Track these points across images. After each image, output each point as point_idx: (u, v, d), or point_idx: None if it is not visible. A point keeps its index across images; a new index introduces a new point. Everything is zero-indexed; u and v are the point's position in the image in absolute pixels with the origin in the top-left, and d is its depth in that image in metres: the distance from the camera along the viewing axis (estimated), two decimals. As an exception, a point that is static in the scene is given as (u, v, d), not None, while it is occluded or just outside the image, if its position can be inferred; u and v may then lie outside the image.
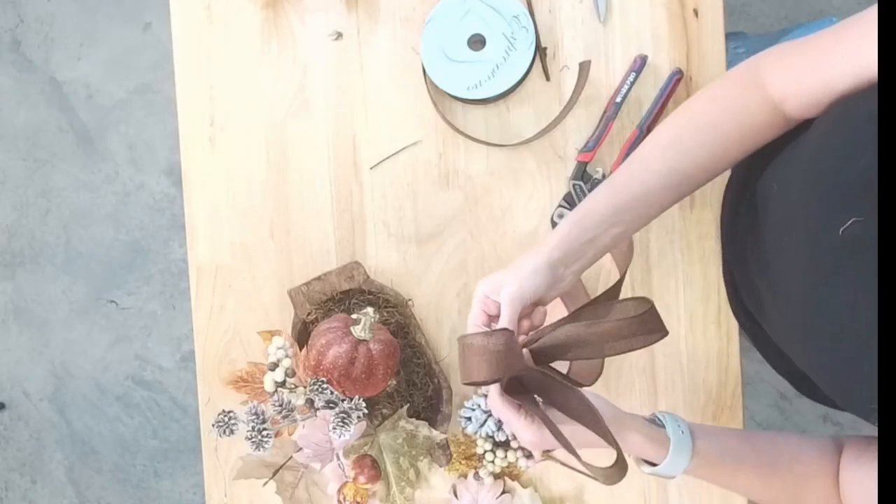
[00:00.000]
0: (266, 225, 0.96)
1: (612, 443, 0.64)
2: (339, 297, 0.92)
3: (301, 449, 0.85)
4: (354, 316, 0.82)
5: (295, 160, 0.95)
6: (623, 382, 0.91)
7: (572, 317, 0.73)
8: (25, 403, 1.99)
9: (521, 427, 0.67)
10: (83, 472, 1.97)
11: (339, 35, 0.95)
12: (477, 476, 0.91)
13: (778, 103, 0.65)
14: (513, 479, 0.92)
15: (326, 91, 0.95)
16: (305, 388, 0.81)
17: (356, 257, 0.94)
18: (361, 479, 0.85)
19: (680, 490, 0.91)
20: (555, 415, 0.67)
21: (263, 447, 0.76)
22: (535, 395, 0.68)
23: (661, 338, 0.67)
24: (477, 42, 0.89)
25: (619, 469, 0.65)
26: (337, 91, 0.95)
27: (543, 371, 0.67)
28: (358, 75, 0.94)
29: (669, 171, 0.68)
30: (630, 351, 0.66)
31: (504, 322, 0.66)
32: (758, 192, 0.72)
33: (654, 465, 0.69)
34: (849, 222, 0.53)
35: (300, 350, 0.88)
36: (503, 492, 0.91)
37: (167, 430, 1.94)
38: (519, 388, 0.67)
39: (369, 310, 0.81)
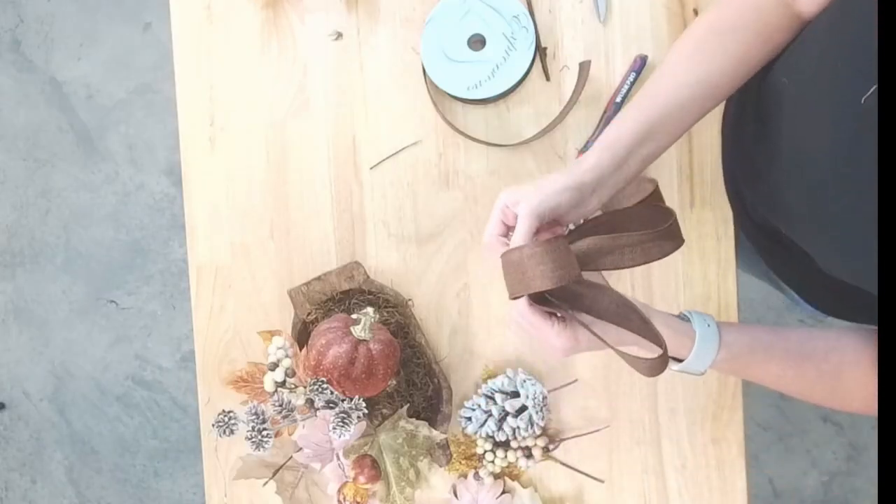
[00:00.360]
0: (266, 225, 0.96)
1: (655, 334, 0.63)
2: (339, 297, 0.92)
3: (301, 449, 0.85)
4: (354, 316, 0.82)
5: (295, 160, 0.95)
6: (623, 382, 0.91)
7: (593, 225, 0.71)
8: (25, 403, 1.99)
9: (554, 334, 0.66)
10: (83, 472, 1.97)
11: (339, 35, 0.95)
12: (477, 476, 0.91)
13: (790, 2, 0.66)
14: (513, 479, 0.92)
15: (326, 91, 0.95)
16: (305, 388, 0.81)
17: (356, 257, 0.94)
18: (361, 479, 0.85)
19: (680, 490, 0.91)
20: (584, 319, 0.66)
21: (263, 447, 0.76)
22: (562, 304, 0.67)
23: (678, 247, 0.66)
24: (477, 42, 0.89)
25: (662, 361, 0.64)
26: (337, 91, 0.95)
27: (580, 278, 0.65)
28: (358, 75, 0.94)
29: (697, 81, 0.68)
30: (646, 262, 0.65)
31: (519, 234, 0.65)
32: (763, 93, 0.71)
33: (680, 361, 0.68)
34: (871, 90, 0.52)
35: (300, 350, 0.88)
36: (503, 492, 0.91)
37: (167, 430, 1.94)
38: (543, 300, 0.66)
39: (369, 310, 0.81)
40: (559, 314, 0.67)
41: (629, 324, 0.65)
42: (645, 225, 0.67)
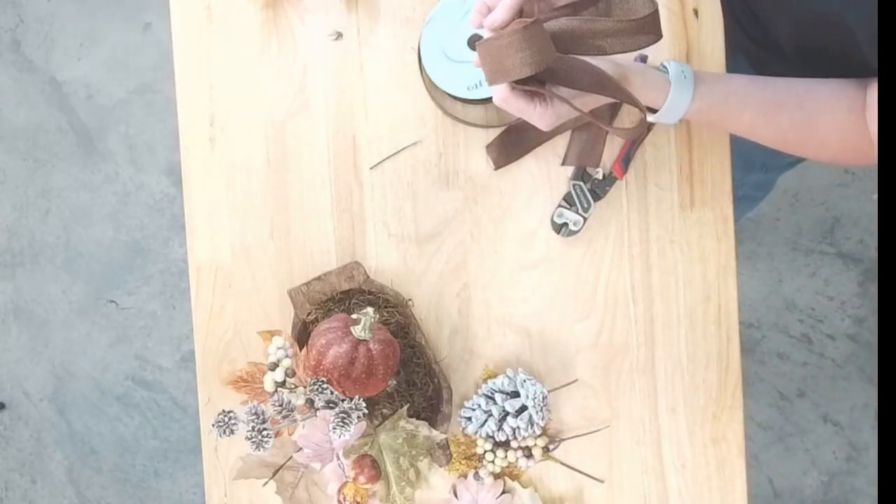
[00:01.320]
0: (266, 225, 0.96)
1: (632, 99, 0.65)
2: (339, 297, 0.92)
3: (301, 449, 0.85)
4: (354, 316, 0.82)
5: (295, 160, 0.95)
6: (623, 382, 0.91)
7: (571, 7, 0.69)
8: (25, 403, 1.99)
9: (537, 115, 0.68)
10: (83, 472, 1.97)
11: (339, 35, 0.95)
12: (477, 476, 0.91)
13: None
14: (513, 479, 0.92)
15: (326, 91, 0.95)
16: (305, 388, 0.81)
17: (356, 257, 0.94)
18: (361, 479, 0.85)
19: (680, 490, 0.91)
20: (563, 93, 0.67)
21: (263, 447, 0.76)
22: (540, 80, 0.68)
23: (654, 41, 0.67)
24: (477, 42, 0.89)
25: (640, 124, 0.67)
26: (337, 91, 0.95)
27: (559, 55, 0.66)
28: (358, 75, 0.94)
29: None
30: (621, 52, 0.66)
31: (504, 5, 0.65)
32: None
33: (656, 111, 0.69)
34: None
35: (300, 350, 0.88)
36: (503, 492, 0.91)
37: (167, 430, 1.94)
38: (523, 80, 0.67)
39: (369, 310, 0.81)
40: (540, 91, 0.68)
41: (606, 91, 0.66)
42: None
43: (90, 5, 1.94)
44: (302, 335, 0.92)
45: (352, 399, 0.80)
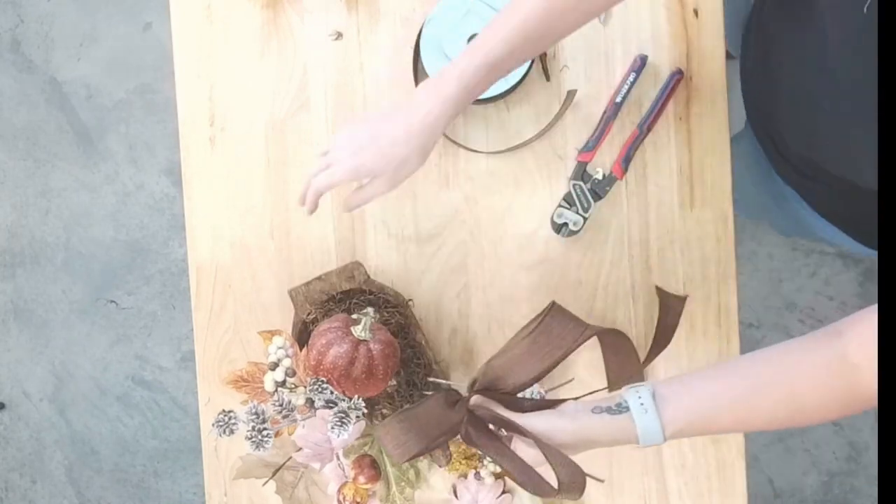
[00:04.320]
0: (266, 225, 0.96)
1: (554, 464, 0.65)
2: (339, 297, 0.92)
3: (300, 449, 0.85)
4: (355, 316, 0.82)
5: (295, 160, 0.95)
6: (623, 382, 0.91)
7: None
8: (25, 403, 1.99)
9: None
10: (83, 472, 1.97)
11: (339, 35, 0.95)
12: (477, 476, 0.91)
13: None
14: (513, 479, 0.92)
15: (326, 91, 0.95)
16: (305, 388, 0.81)
17: (356, 257, 0.94)
18: (361, 479, 0.85)
19: (680, 490, 0.91)
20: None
21: (263, 447, 0.76)
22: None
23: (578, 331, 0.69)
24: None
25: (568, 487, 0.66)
26: (337, 91, 0.95)
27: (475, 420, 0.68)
28: (358, 75, 0.94)
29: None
30: (561, 357, 0.68)
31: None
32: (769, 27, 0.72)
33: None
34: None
35: (300, 350, 0.88)
36: (503, 492, 0.91)
37: (167, 430, 1.94)
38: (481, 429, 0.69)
39: (370, 310, 0.81)
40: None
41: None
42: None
43: (90, 5, 1.94)
44: (302, 335, 0.92)
45: (351, 399, 0.80)
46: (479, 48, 0.70)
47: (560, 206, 0.91)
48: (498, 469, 0.90)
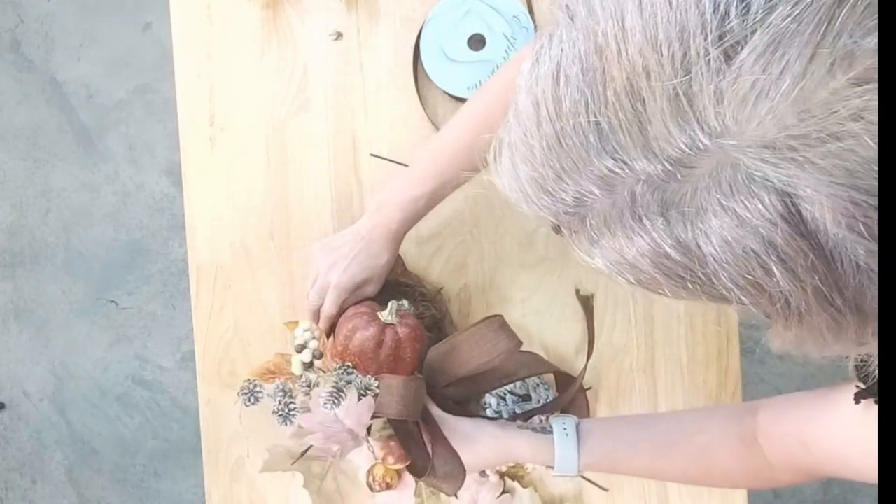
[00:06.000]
0: (266, 225, 0.96)
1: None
2: None
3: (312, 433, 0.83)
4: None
5: (295, 160, 0.95)
6: (623, 382, 0.91)
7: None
8: (25, 403, 1.99)
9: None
10: (83, 472, 1.97)
11: (339, 35, 0.95)
12: (483, 474, 0.91)
13: None
14: (513, 480, 0.92)
15: (326, 91, 0.95)
16: (333, 373, 0.80)
17: (356, 257, 0.94)
18: (390, 459, 0.84)
19: (680, 491, 0.91)
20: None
21: (290, 421, 0.76)
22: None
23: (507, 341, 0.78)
24: (477, 42, 0.89)
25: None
26: (337, 91, 0.95)
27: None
28: (358, 75, 0.94)
29: None
30: (487, 358, 0.78)
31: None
32: None
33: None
34: None
35: (327, 338, 0.87)
36: (503, 492, 0.91)
37: (167, 430, 1.94)
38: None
39: (404, 302, 0.81)
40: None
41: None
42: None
43: (90, 5, 1.94)
44: (331, 326, 0.91)
45: (356, 375, 0.79)
46: (425, 178, 0.77)
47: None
48: (503, 468, 0.90)
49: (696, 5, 0.28)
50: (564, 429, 0.72)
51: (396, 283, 0.90)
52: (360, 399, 0.77)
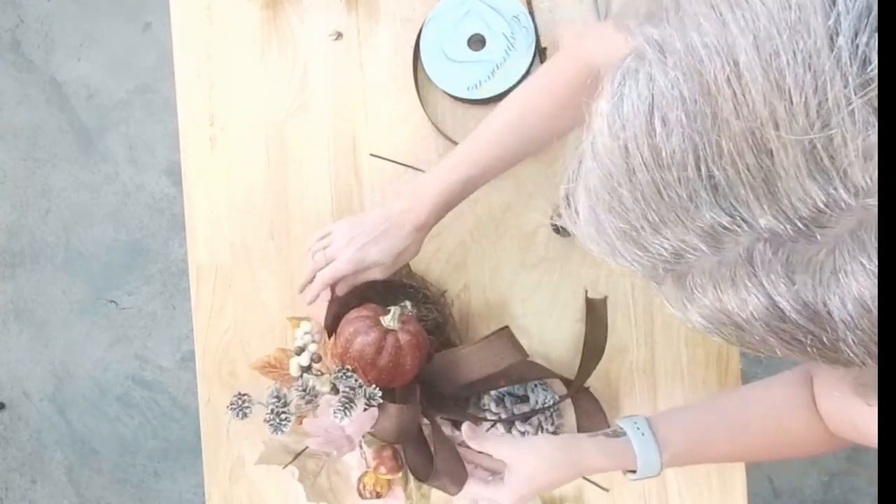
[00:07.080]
0: (266, 225, 0.96)
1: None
2: (380, 289, 0.90)
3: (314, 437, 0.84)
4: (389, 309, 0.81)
5: (295, 160, 0.95)
6: (623, 382, 0.91)
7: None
8: (25, 403, 1.99)
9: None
10: (83, 472, 1.97)
11: (339, 35, 0.95)
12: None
13: None
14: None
15: (326, 91, 0.95)
16: (331, 375, 0.80)
17: (356, 257, 0.94)
18: (382, 469, 0.84)
19: (680, 491, 0.91)
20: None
21: (281, 430, 0.76)
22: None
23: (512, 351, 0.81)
24: (477, 42, 0.89)
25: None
26: (337, 91, 0.95)
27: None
28: (358, 75, 0.94)
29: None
30: (493, 370, 0.80)
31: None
32: None
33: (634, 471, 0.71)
34: None
35: (329, 338, 0.87)
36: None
37: (167, 430, 1.94)
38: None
39: (407, 303, 0.81)
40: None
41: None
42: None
43: (90, 5, 1.94)
44: (335, 323, 0.91)
45: (361, 384, 0.79)
46: (458, 165, 0.75)
47: (560, 206, 0.91)
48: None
49: (829, 47, 0.25)
50: (639, 428, 0.69)
51: (400, 284, 0.90)
52: (365, 409, 0.77)
